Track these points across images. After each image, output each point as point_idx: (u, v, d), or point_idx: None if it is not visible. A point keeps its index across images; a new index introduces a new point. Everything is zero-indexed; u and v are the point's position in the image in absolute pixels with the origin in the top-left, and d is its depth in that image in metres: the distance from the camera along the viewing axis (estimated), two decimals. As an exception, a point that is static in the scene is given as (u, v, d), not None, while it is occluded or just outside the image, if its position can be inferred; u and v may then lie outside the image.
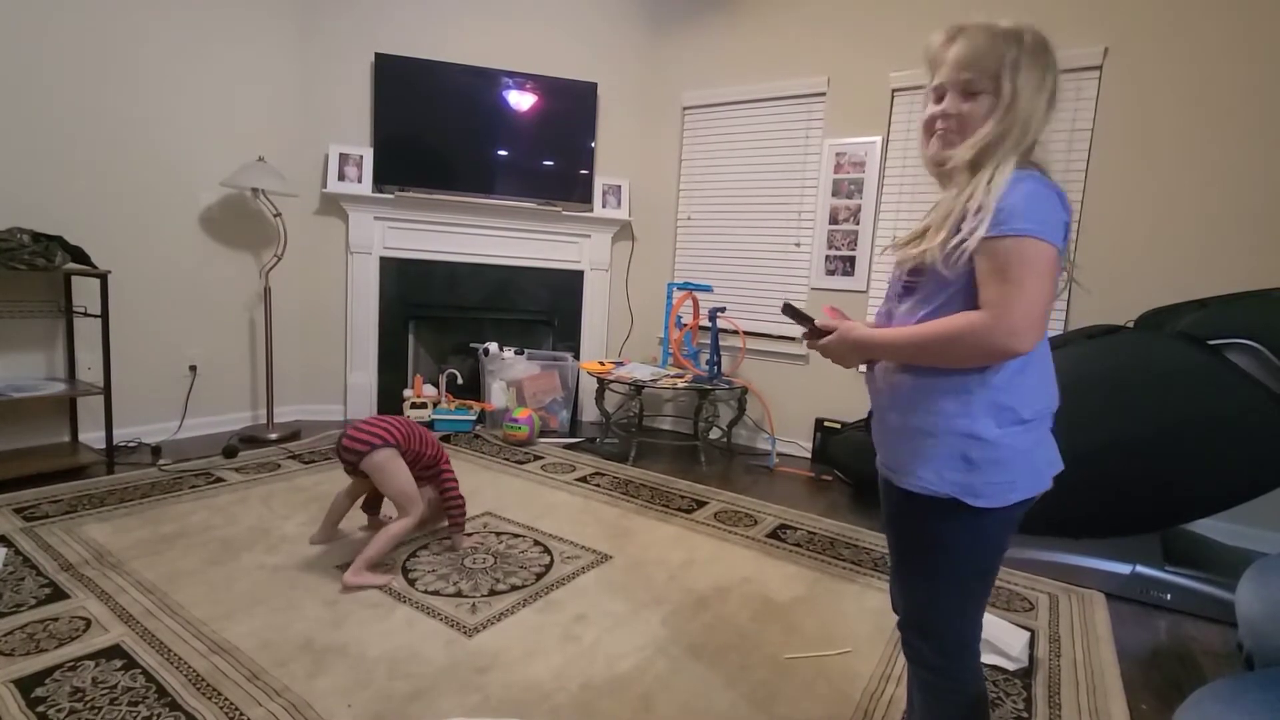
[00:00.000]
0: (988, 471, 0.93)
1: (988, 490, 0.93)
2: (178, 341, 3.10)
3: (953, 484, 0.94)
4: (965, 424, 0.93)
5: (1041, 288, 0.86)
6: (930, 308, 0.95)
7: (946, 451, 0.94)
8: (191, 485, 2.51)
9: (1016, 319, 0.85)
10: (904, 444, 0.99)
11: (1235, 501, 1.93)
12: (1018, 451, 0.93)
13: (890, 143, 3.17)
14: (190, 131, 3.03)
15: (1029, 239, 0.85)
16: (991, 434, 0.92)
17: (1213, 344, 1.88)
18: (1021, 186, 0.88)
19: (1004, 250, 0.86)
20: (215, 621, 1.62)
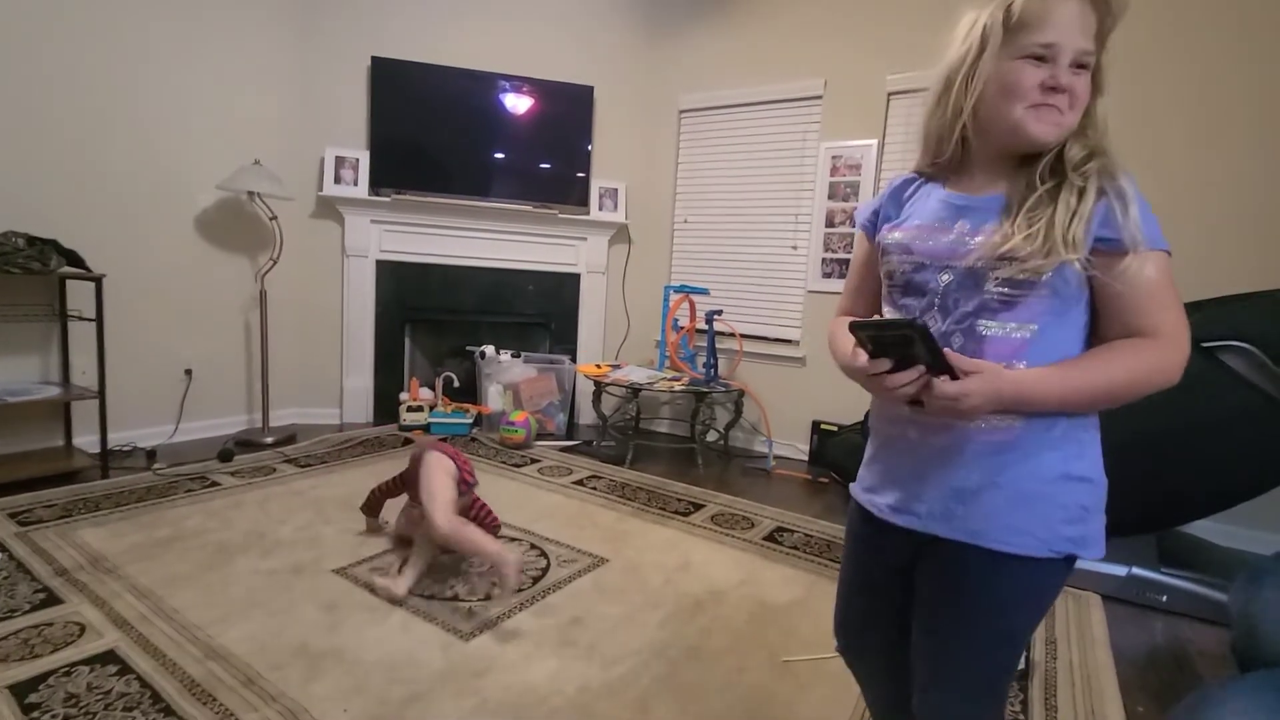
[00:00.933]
0: (1096, 517, 0.82)
1: (1098, 537, 0.82)
2: (173, 345, 3.09)
3: (1068, 540, 0.79)
4: (1080, 467, 0.80)
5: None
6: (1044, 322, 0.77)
7: (1061, 504, 0.79)
8: (187, 489, 2.50)
9: (1186, 341, 0.76)
10: (998, 497, 0.80)
11: (1231, 503, 1.94)
12: (1106, 484, 0.84)
13: (886, 146, 3.18)
14: (186, 135, 3.03)
15: (1164, 253, 0.77)
16: (1096, 473, 0.82)
17: (1206, 346, 1.89)
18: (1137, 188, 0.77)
19: (1159, 266, 0.75)
20: (210, 626, 1.62)
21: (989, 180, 0.82)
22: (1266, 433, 1.81)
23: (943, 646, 0.87)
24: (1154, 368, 0.75)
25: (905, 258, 0.87)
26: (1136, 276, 0.74)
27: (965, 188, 0.85)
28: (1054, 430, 0.79)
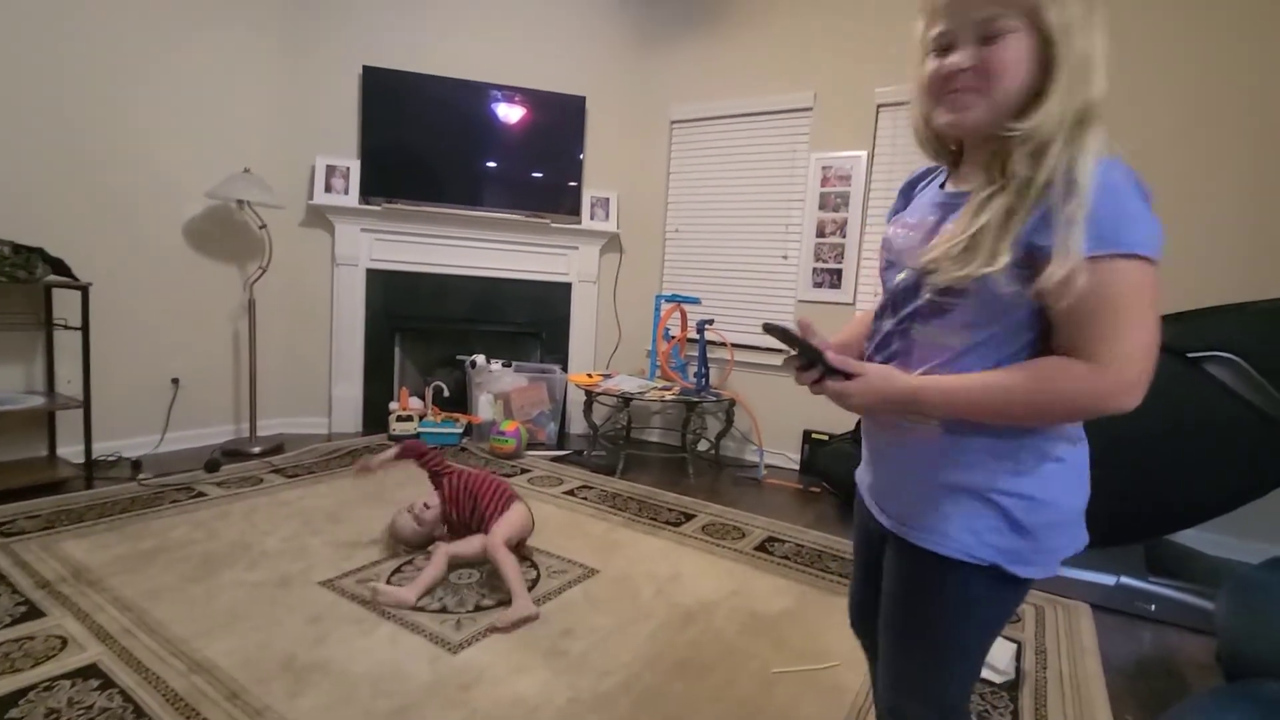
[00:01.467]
0: (1041, 536, 0.76)
1: (1039, 558, 0.77)
2: (160, 354, 3.06)
3: (995, 549, 0.76)
4: (1014, 482, 0.75)
5: (1156, 327, 0.66)
6: (984, 335, 0.73)
7: (992, 513, 0.76)
8: (172, 500, 2.47)
9: (1134, 372, 0.66)
10: (927, 499, 0.80)
11: (1218, 512, 1.95)
12: (1070, 509, 0.78)
13: (876, 157, 3.21)
14: (175, 142, 3.01)
15: (1139, 261, 0.65)
16: (1046, 492, 0.75)
17: (1193, 357, 1.92)
18: (1121, 180, 0.65)
19: (1114, 277, 0.64)
20: (195, 639, 1.59)
21: (974, 174, 0.76)
22: (1252, 442, 1.83)
23: (887, 639, 0.89)
24: (1076, 394, 0.68)
25: (884, 254, 0.86)
26: (1072, 290, 0.64)
27: (958, 182, 0.81)
28: (982, 439, 0.75)
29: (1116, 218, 0.64)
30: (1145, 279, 0.65)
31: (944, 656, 0.85)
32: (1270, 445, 1.81)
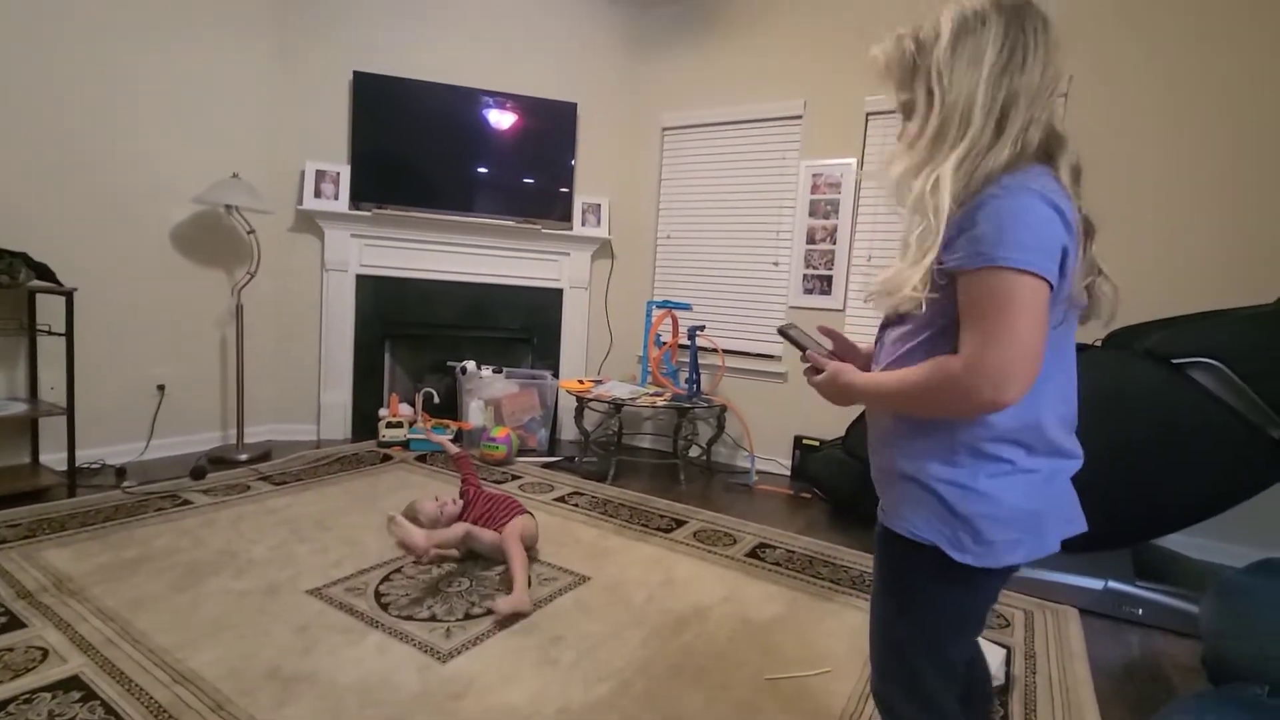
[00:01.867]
0: (979, 526, 0.82)
1: (976, 548, 0.82)
2: (146, 360, 3.03)
3: (938, 534, 0.84)
4: (949, 472, 0.83)
5: (1029, 329, 0.73)
6: (917, 340, 0.85)
7: (932, 499, 0.84)
8: (157, 508, 2.44)
9: (994, 367, 0.73)
10: (891, 485, 0.91)
11: (1203, 516, 1.97)
12: (1016, 508, 0.82)
13: (865, 164, 3.24)
14: (163, 147, 2.99)
15: (1009, 271, 0.72)
16: (981, 484, 0.82)
17: (1177, 363, 1.94)
18: (999, 206, 0.74)
19: (981, 286, 0.74)
20: (179, 650, 1.57)
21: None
22: (1235, 447, 1.85)
23: (871, 626, 0.98)
24: (943, 380, 0.78)
25: None
26: (960, 297, 0.77)
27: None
28: (920, 431, 0.85)
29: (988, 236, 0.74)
30: (1016, 289, 0.73)
31: (911, 641, 0.92)
32: (1252, 449, 1.84)
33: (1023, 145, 0.79)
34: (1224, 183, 2.49)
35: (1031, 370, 0.75)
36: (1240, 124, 2.46)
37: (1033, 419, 0.82)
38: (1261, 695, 0.96)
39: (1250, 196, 2.46)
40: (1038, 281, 0.73)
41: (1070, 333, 0.88)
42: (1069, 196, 0.79)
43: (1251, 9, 2.43)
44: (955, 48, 0.79)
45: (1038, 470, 0.83)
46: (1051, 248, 0.75)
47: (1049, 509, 0.85)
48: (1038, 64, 0.79)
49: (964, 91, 0.78)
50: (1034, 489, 0.83)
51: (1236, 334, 1.95)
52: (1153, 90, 2.59)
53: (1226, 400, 1.86)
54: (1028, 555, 0.83)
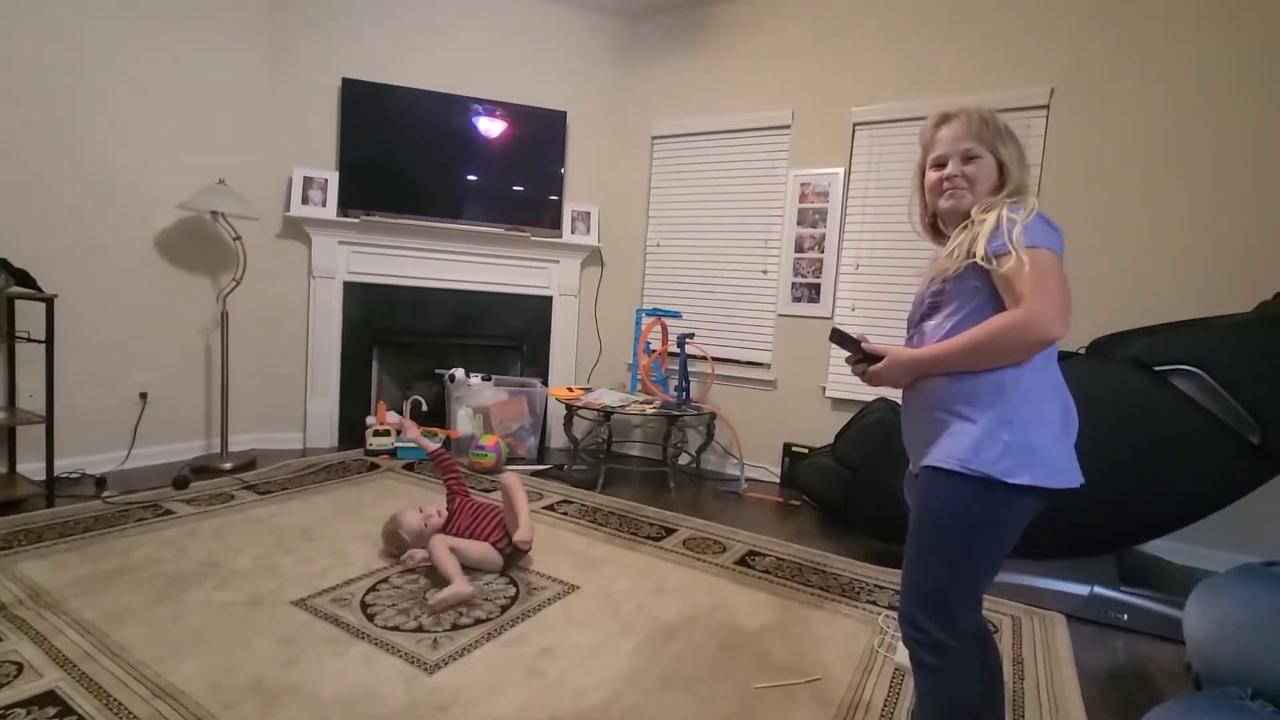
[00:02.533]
0: (1020, 455, 1.05)
1: (1024, 470, 1.04)
2: (128, 368, 2.99)
3: (989, 463, 1.05)
4: (994, 410, 1.07)
5: (1061, 287, 1.04)
6: (960, 315, 1.12)
7: (985, 435, 1.07)
8: (138, 518, 2.39)
9: (1053, 311, 1.02)
10: (932, 435, 1.14)
11: (1184, 522, 2.00)
12: (1047, 444, 1.07)
13: (852, 174, 3.27)
14: (148, 153, 2.96)
15: (1046, 250, 1.05)
16: (1010, 418, 1.06)
17: (1159, 370, 1.97)
18: (1035, 216, 1.10)
19: (1029, 258, 1.04)
20: (159, 663, 1.54)
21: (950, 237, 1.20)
22: (1216, 453, 1.88)
23: (905, 559, 1.17)
24: (1008, 325, 1.05)
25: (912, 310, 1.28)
26: (1010, 267, 1.04)
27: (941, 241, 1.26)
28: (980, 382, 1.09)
29: (1031, 233, 1.07)
30: (1051, 261, 1.06)
31: (941, 560, 1.11)
32: (1233, 455, 1.86)
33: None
34: (1205, 195, 2.54)
35: (1067, 314, 1.04)
36: (1221, 140, 2.51)
37: (1050, 396, 1.10)
38: (1244, 699, 0.97)
39: (1230, 208, 2.50)
40: (1058, 258, 1.07)
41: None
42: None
43: (1231, 26, 2.48)
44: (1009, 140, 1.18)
45: (1046, 423, 1.08)
46: (1059, 244, 1.10)
47: (1057, 451, 1.08)
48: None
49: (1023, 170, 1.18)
50: (1055, 436, 1.08)
51: (1217, 342, 1.98)
52: (1135, 106, 2.64)
53: (1207, 407, 1.89)
54: (1054, 482, 1.05)
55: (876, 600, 2.10)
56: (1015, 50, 2.81)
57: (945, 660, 1.10)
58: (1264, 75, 2.43)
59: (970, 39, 2.93)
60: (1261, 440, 1.83)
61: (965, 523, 1.09)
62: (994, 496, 1.06)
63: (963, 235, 1.13)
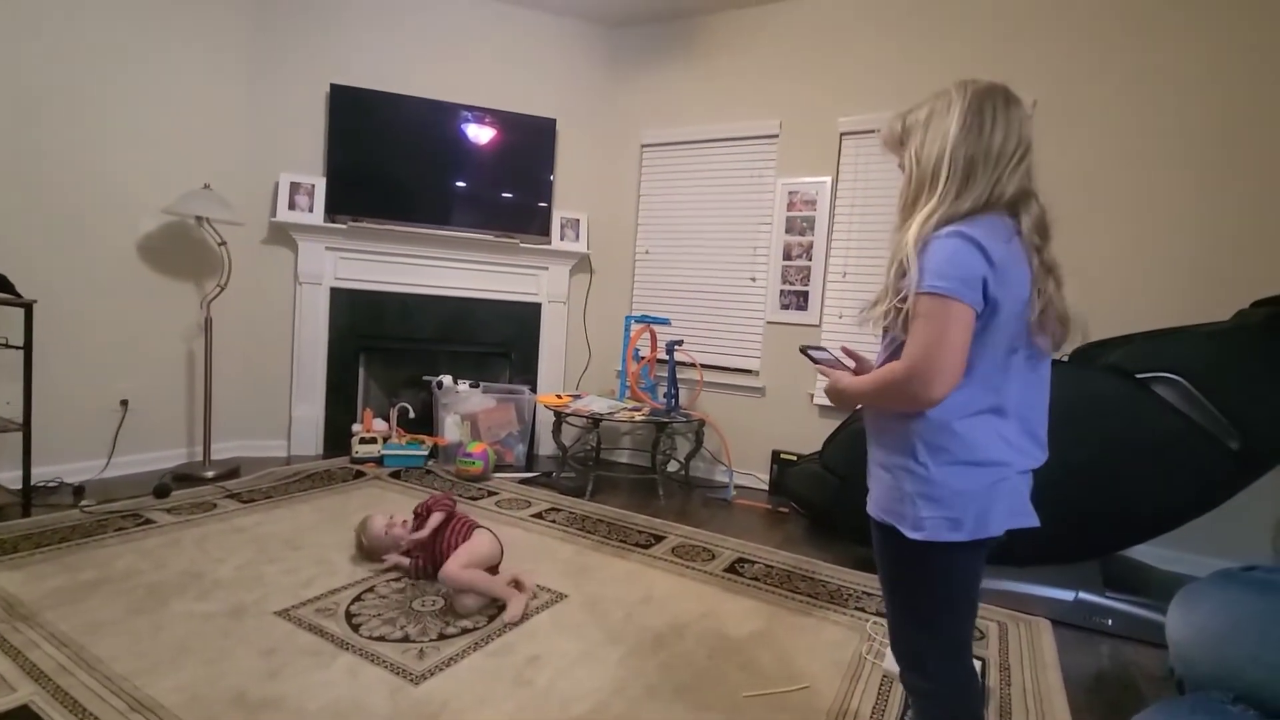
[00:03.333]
0: (922, 506, 0.97)
1: (923, 525, 0.97)
2: (109, 374, 2.94)
3: (890, 512, 1.01)
4: (902, 458, 1.00)
5: (951, 341, 0.90)
6: (890, 349, 1.03)
7: (891, 481, 1.02)
8: (117, 528, 2.35)
9: (925, 370, 0.90)
10: (870, 471, 1.09)
11: (1167, 527, 2.02)
12: (958, 492, 0.96)
13: (840, 183, 3.30)
14: (132, 156, 2.93)
15: (937, 296, 0.90)
16: (931, 471, 0.97)
17: (1141, 377, 1.99)
18: (936, 245, 0.92)
19: (917, 306, 0.92)
20: (138, 676, 1.51)
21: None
22: (1197, 459, 1.91)
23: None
24: (889, 377, 0.96)
25: None
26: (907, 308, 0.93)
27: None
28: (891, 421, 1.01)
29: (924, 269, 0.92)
30: (939, 309, 0.90)
31: (905, 619, 1.08)
32: (1213, 461, 1.89)
33: (989, 199, 0.95)
34: (1183, 206, 2.59)
35: (952, 373, 0.91)
36: (1199, 153, 2.56)
37: (980, 420, 0.97)
38: (1226, 703, 0.98)
39: (1209, 223, 2.55)
40: (958, 304, 0.90)
41: (1038, 364, 1.03)
42: (1011, 241, 0.95)
43: (1210, 41, 2.54)
44: (927, 125, 0.99)
45: (981, 463, 0.97)
46: (970, 278, 0.90)
47: (992, 498, 0.97)
48: (998, 133, 0.95)
49: (933, 159, 0.97)
50: (975, 478, 0.97)
51: (1197, 350, 2.01)
52: (1116, 118, 2.69)
53: (1188, 413, 1.92)
54: (969, 535, 0.96)
55: (864, 607, 2.10)
56: (998, 62, 2.85)
57: (929, 692, 1.08)
58: (1242, 89, 2.49)
59: (953, 51, 2.97)
60: (1241, 446, 1.86)
61: (897, 573, 1.06)
62: (913, 548, 0.98)
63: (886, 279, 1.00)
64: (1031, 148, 0.97)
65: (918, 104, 1.03)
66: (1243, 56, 2.48)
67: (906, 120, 1.03)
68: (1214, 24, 2.52)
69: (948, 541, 0.96)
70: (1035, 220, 0.98)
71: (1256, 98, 2.47)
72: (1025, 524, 1.00)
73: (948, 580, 1.02)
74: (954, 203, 0.94)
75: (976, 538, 0.96)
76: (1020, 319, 0.96)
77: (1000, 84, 0.99)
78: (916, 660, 1.08)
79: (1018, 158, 0.96)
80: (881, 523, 1.03)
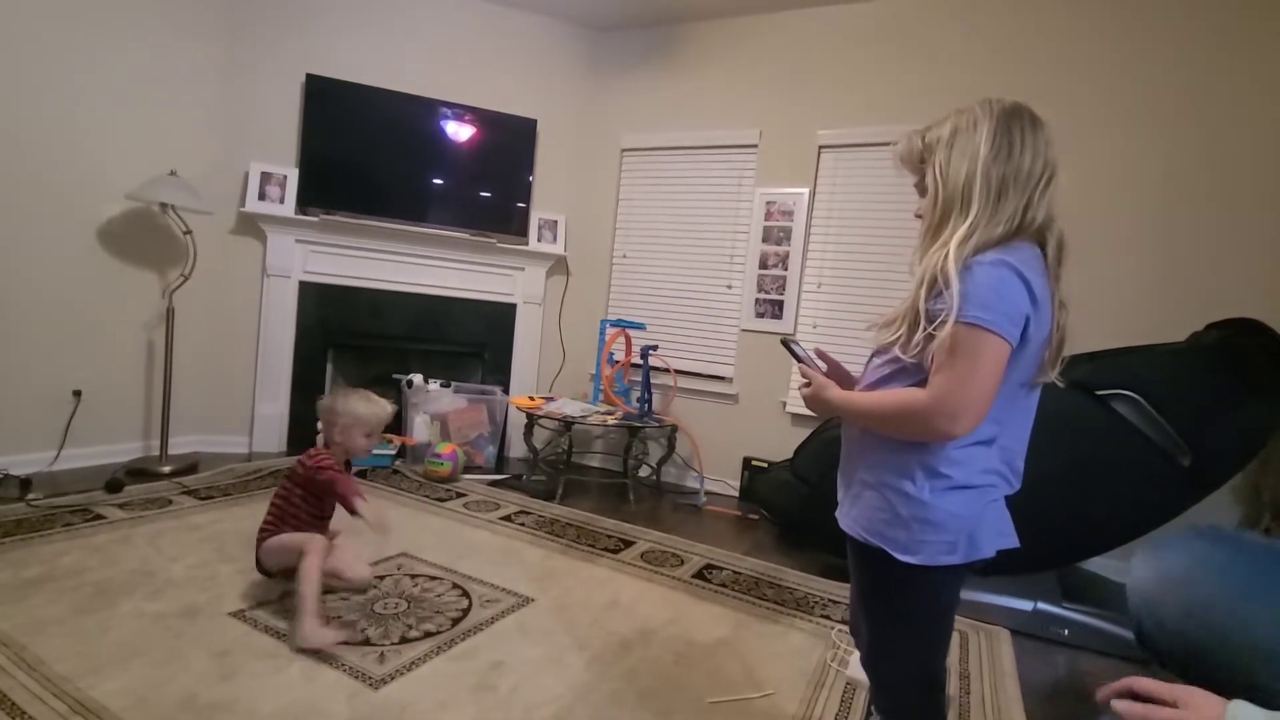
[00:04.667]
0: (918, 530, 0.95)
1: (919, 548, 0.95)
2: (61, 364, 2.83)
3: (879, 535, 0.98)
4: (897, 481, 0.97)
5: (985, 378, 0.86)
6: (894, 369, 0.98)
7: (881, 503, 0.98)
8: (65, 523, 2.26)
9: (954, 405, 0.87)
10: (852, 490, 1.05)
11: (1123, 540, 2.08)
12: (954, 515, 0.95)
13: (817, 194, 3.34)
14: (93, 138, 2.82)
15: (977, 328, 0.85)
16: (925, 495, 0.95)
17: (1100, 394, 2.05)
18: (981, 272, 0.87)
19: (954, 336, 0.86)
20: (81, 678, 1.44)
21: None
22: (1152, 474, 1.97)
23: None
24: (908, 405, 0.92)
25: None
26: (939, 340, 0.88)
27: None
28: (885, 441, 0.98)
29: (965, 296, 0.86)
30: (980, 343, 0.86)
31: (875, 634, 1.08)
32: (1167, 476, 1.95)
33: (1020, 225, 0.92)
34: (1147, 231, 2.68)
35: (980, 411, 0.88)
36: (1160, 179, 2.66)
37: (977, 449, 0.96)
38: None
39: (1169, 245, 2.65)
40: (999, 340, 0.86)
41: (1033, 395, 1.01)
42: (1045, 274, 0.93)
43: (1175, 65, 2.63)
44: (953, 144, 0.95)
45: (973, 486, 0.96)
46: (1015, 314, 0.87)
47: (982, 520, 0.97)
48: (1026, 155, 0.92)
49: (961, 179, 0.92)
50: (969, 502, 0.96)
51: (1154, 369, 2.08)
52: (1082, 139, 2.77)
53: (1144, 430, 1.98)
54: (963, 558, 0.95)
55: (830, 614, 2.12)
56: (972, 80, 2.92)
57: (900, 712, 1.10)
58: (1204, 114, 2.59)
59: (928, 73, 3.04)
60: (1191, 463, 1.92)
61: (883, 596, 1.05)
62: (903, 570, 0.96)
63: (906, 299, 0.96)
64: (1058, 171, 0.94)
65: (937, 120, 0.99)
66: (1207, 82, 2.58)
67: (927, 137, 0.99)
68: (1179, 50, 2.62)
69: (939, 565, 0.95)
70: (1058, 244, 0.96)
71: (1216, 134, 2.57)
72: (1009, 544, 1.00)
73: (935, 603, 1.02)
74: (986, 227, 0.90)
75: (969, 559, 0.96)
76: (1039, 354, 0.94)
77: (1024, 104, 0.96)
78: (892, 682, 1.08)
79: (1045, 180, 0.93)
80: (865, 544, 1.00)
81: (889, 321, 0.98)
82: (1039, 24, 2.86)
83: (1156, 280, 2.66)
